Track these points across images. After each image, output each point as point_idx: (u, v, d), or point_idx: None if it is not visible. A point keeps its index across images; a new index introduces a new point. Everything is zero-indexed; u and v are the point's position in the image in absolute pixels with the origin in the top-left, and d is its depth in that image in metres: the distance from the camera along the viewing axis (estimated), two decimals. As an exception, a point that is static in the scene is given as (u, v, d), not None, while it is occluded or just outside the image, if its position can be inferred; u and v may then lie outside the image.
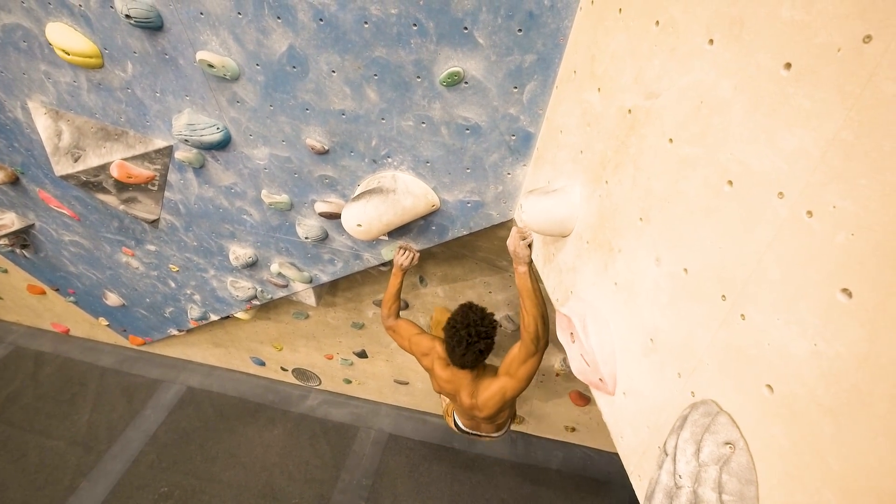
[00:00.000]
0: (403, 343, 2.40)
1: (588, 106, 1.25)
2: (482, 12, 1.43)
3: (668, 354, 0.89)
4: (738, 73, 0.71)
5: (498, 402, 2.14)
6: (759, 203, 0.66)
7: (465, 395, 2.20)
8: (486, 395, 2.13)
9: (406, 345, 2.38)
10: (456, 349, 2.00)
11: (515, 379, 2.04)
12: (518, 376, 2.03)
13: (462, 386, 2.20)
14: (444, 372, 2.22)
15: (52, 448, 4.24)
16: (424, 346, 2.30)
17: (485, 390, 2.14)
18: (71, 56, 2.03)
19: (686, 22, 0.84)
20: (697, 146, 0.80)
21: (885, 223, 0.51)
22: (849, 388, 0.55)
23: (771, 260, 0.65)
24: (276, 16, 1.64)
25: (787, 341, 0.63)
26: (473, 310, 2.05)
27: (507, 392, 2.09)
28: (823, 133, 0.57)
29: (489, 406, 2.16)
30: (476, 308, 2.06)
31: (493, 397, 2.12)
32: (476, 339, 1.97)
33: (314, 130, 1.97)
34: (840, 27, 0.55)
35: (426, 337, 2.34)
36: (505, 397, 2.11)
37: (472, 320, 1.98)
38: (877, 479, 0.53)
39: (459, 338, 1.97)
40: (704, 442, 0.71)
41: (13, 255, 3.81)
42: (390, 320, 2.39)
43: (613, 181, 1.11)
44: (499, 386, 2.10)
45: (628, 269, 1.03)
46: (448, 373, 2.21)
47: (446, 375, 2.22)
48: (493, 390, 2.11)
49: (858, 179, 0.53)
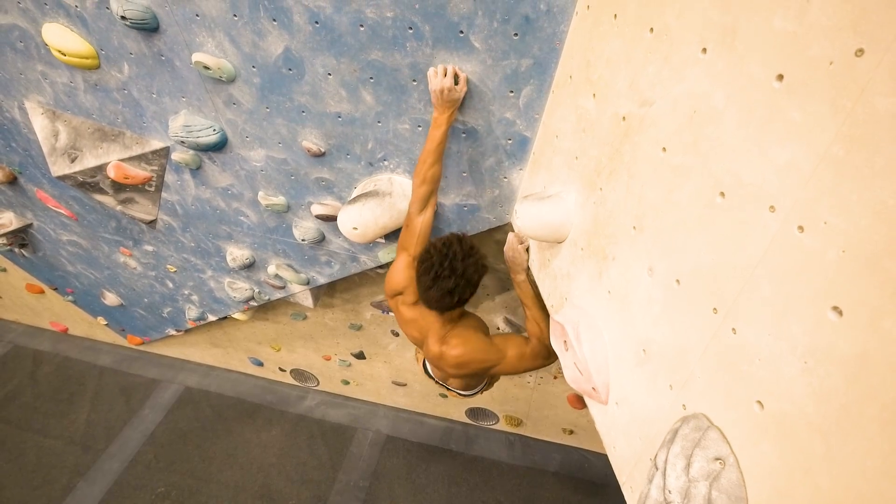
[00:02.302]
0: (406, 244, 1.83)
1: (583, 111, 1.24)
2: (478, 16, 1.42)
3: (661, 366, 0.88)
4: (731, 83, 0.70)
5: (475, 368, 1.79)
6: (750, 216, 0.65)
7: (433, 342, 1.79)
8: (460, 351, 1.74)
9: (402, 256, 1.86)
10: (422, 278, 1.60)
11: (509, 364, 1.79)
12: (514, 365, 1.79)
13: (430, 331, 1.81)
14: (409, 311, 1.85)
15: (49, 447, 4.25)
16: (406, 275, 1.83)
17: (461, 345, 1.75)
18: (67, 57, 2.03)
19: (680, 30, 0.83)
20: (690, 156, 0.79)
21: (876, 241, 0.50)
22: (838, 408, 0.54)
23: (762, 274, 0.64)
24: (272, 18, 1.64)
25: (778, 358, 0.62)
26: (461, 242, 1.61)
27: (492, 366, 1.79)
28: (815, 147, 0.56)
29: (462, 366, 1.77)
30: (465, 242, 1.62)
31: (473, 360, 1.76)
32: (447, 273, 1.56)
33: (310, 133, 1.96)
34: (832, 40, 0.54)
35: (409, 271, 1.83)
36: (484, 367, 1.79)
37: (453, 251, 1.57)
38: (866, 500, 0.52)
39: (429, 265, 1.58)
40: (695, 457, 0.71)
41: (12, 255, 3.82)
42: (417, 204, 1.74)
43: (608, 188, 1.10)
44: (486, 353, 1.76)
45: (622, 277, 1.02)
46: (413, 312, 1.84)
47: (410, 315, 1.86)
48: (474, 351, 1.76)
49: (850, 195, 0.52)
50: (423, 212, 1.74)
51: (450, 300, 1.60)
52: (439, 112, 1.58)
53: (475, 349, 1.75)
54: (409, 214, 1.79)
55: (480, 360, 1.76)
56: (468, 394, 2.21)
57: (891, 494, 0.49)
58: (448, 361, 1.76)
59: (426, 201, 1.73)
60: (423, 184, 1.69)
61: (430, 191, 1.72)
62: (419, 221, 1.75)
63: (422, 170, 1.67)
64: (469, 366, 1.76)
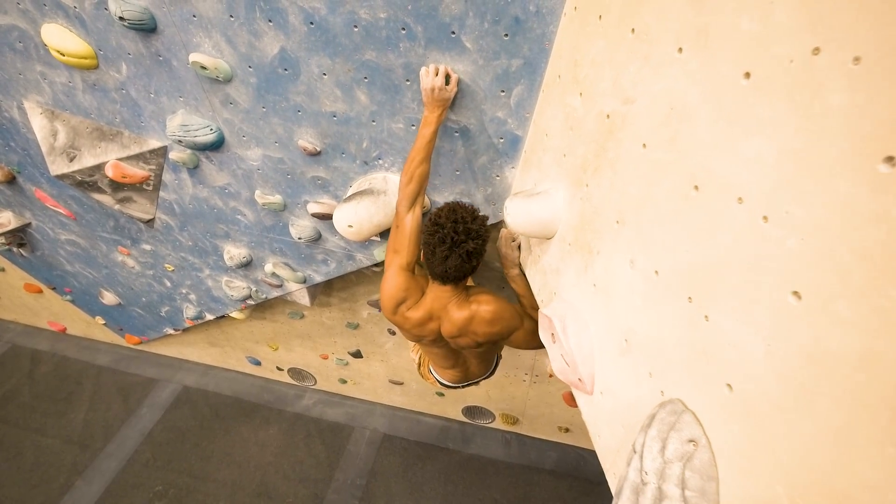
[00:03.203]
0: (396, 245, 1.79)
1: (571, 110, 1.27)
2: (469, 17, 1.45)
3: (641, 355, 0.91)
4: (704, 81, 0.73)
5: (505, 325, 1.76)
6: (721, 208, 0.68)
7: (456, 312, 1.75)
8: (493, 306, 1.72)
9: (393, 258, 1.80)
10: (437, 250, 1.60)
11: (525, 331, 1.79)
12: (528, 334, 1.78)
13: (448, 307, 1.76)
14: (418, 311, 1.80)
15: (47, 446, 4.26)
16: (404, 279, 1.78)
17: (492, 301, 1.74)
18: (66, 57, 2.05)
19: (658, 30, 0.86)
20: (668, 151, 0.82)
21: (830, 228, 0.53)
22: (797, 388, 0.57)
23: (732, 263, 0.67)
24: (268, 19, 1.67)
25: (745, 342, 0.65)
26: (463, 206, 1.64)
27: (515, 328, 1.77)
28: (778, 141, 0.59)
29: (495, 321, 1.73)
30: (466, 205, 1.65)
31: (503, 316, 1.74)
32: (464, 237, 1.57)
33: (306, 132, 1.99)
34: (792, 39, 0.57)
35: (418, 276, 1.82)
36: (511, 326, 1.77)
37: (460, 216, 1.59)
38: (823, 475, 0.55)
39: (443, 235, 1.58)
40: (670, 439, 0.73)
41: (10, 254, 3.84)
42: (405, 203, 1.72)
43: (593, 184, 1.13)
44: (512, 310, 1.76)
45: (606, 270, 1.05)
46: (423, 308, 1.79)
47: (420, 314, 1.80)
48: (505, 307, 1.75)
49: (807, 186, 0.55)
50: (412, 210, 1.73)
51: (469, 264, 1.63)
52: (430, 111, 1.60)
53: (505, 304, 1.76)
54: (397, 214, 1.76)
55: (509, 316, 1.76)
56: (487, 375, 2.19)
57: (843, 465, 0.52)
58: (483, 317, 1.73)
59: (413, 200, 1.71)
60: (411, 182, 1.68)
61: (418, 189, 1.70)
62: (408, 221, 1.73)
63: (410, 168, 1.67)
64: (501, 321, 1.75)
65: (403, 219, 1.73)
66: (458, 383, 2.21)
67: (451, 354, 2.01)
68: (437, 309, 1.78)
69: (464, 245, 1.57)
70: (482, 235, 1.61)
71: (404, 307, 1.81)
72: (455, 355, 2.03)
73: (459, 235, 1.57)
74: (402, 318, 1.83)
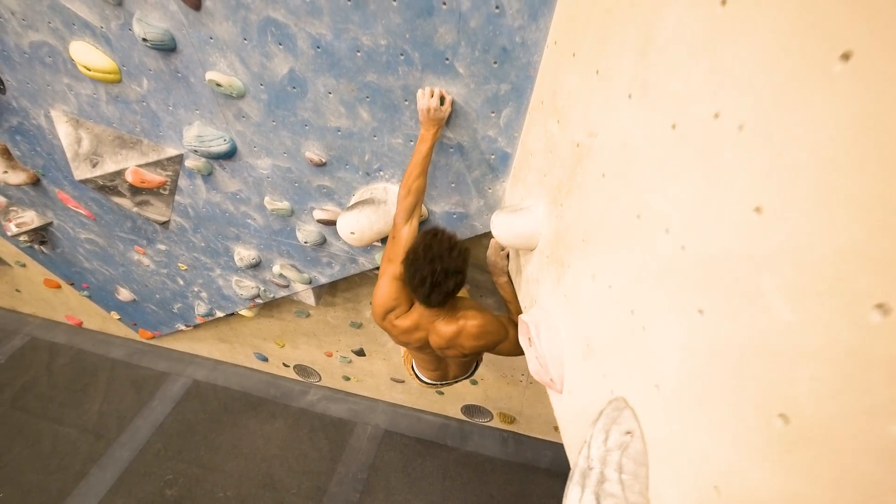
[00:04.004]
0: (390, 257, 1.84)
1: (551, 135, 1.39)
2: (461, 46, 1.58)
3: (598, 358, 1.04)
4: (644, 126, 0.85)
5: (491, 337, 1.84)
6: (653, 236, 0.81)
7: (444, 327, 1.82)
8: (479, 321, 1.80)
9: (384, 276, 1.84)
10: (419, 289, 1.65)
11: (511, 342, 1.86)
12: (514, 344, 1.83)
13: (436, 322, 1.83)
14: (406, 320, 1.86)
15: (64, 435, 4.45)
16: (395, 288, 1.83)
17: (479, 315, 1.81)
18: (92, 72, 2.21)
19: (615, 75, 0.98)
20: (620, 182, 0.95)
21: (716, 250, 0.65)
22: (702, 386, 0.69)
23: (659, 284, 0.79)
24: (278, 42, 1.81)
25: (669, 349, 0.77)
26: (439, 238, 1.63)
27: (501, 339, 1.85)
28: (690, 184, 0.72)
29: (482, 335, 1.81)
30: (442, 236, 1.64)
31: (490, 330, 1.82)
32: (442, 277, 1.59)
33: (313, 145, 2.13)
34: (705, 101, 0.70)
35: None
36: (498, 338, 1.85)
37: (436, 253, 1.59)
38: (717, 464, 0.67)
39: (422, 276, 1.61)
40: (612, 431, 0.86)
41: (32, 251, 4.02)
42: (402, 215, 1.80)
43: (566, 204, 1.25)
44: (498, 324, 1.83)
45: (574, 283, 1.18)
46: (411, 318, 1.86)
47: (408, 323, 1.86)
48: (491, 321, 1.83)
49: (708, 224, 0.68)
50: (409, 222, 1.81)
51: (451, 295, 1.69)
52: (426, 129, 1.73)
53: (490, 319, 1.83)
54: (394, 225, 1.84)
55: (495, 330, 1.83)
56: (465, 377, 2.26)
57: (735, 438, 0.64)
58: (470, 332, 1.79)
59: (411, 212, 1.80)
60: (409, 195, 1.77)
61: (415, 202, 1.79)
62: (404, 232, 1.81)
63: (407, 182, 1.76)
64: (487, 335, 1.82)
65: (400, 230, 1.82)
66: (437, 381, 2.28)
67: (434, 360, 2.11)
68: (424, 322, 1.85)
69: (444, 285, 1.61)
70: (461, 269, 1.63)
71: (393, 315, 1.87)
72: (438, 360, 2.12)
73: (438, 276, 1.59)
74: (390, 324, 1.90)
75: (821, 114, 0.50)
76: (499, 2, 1.44)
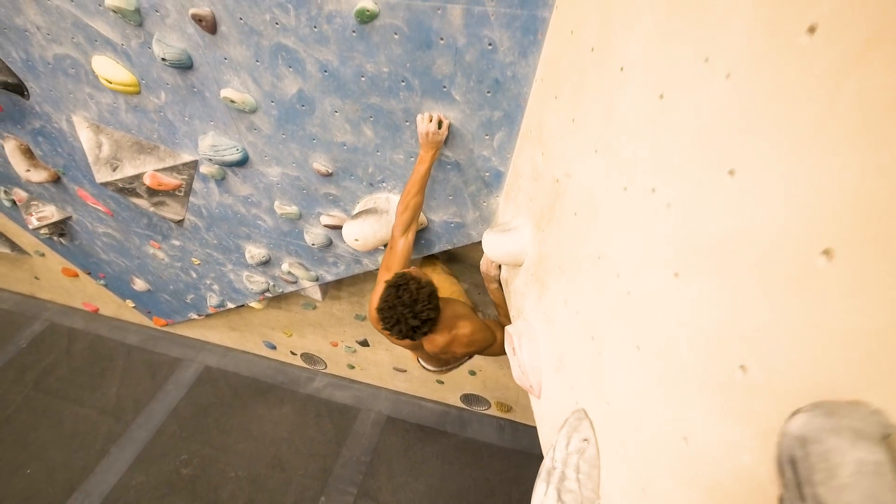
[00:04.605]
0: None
1: (536, 164, 1.53)
2: (458, 76, 1.71)
3: (567, 372, 1.19)
4: (605, 182, 0.99)
5: (480, 344, 1.95)
6: (608, 278, 0.96)
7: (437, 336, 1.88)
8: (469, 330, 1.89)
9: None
10: (393, 336, 1.77)
11: (498, 346, 1.99)
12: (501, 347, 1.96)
13: (425, 339, 1.90)
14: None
15: (85, 416, 4.71)
16: None
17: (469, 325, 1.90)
18: (113, 84, 2.35)
19: (586, 128, 1.12)
20: (587, 224, 1.09)
21: (650, 301, 0.80)
22: (635, 411, 0.85)
23: (613, 317, 0.95)
24: (289, 65, 1.94)
25: (615, 372, 0.93)
26: (403, 288, 1.67)
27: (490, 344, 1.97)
28: (632, 241, 0.86)
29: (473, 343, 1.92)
30: (407, 285, 1.68)
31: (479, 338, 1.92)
32: (417, 322, 1.67)
33: (320, 157, 2.27)
34: (644, 174, 0.84)
35: None
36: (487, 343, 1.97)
37: (403, 302, 1.65)
38: (645, 472, 0.83)
39: (395, 328, 1.69)
40: (572, 438, 1.02)
41: (51, 242, 4.21)
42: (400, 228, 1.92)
43: (547, 232, 1.40)
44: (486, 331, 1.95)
45: (551, 303, 1.33)
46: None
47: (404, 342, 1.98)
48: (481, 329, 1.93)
49: (643, 271, 0.83)
50: (405, 235, 1.94)
51: (426, 331, 1.75)
52: (425, 151, 1.87)
53: (479, 327, 1.94)
54: (392, 237, 1.98)
55: (483, 338, 1.94)
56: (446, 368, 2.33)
57: (655, 456, 0.80)
58: (461, 340, 1.89)
59: (408, 226, 1.94)
60: (406, 210, 1.92)
61: (412, 217, 1.94)
62: (401, 244, 1.94)
63: (406, 198, 1.92)
64: (477, 342, 1.93)
65: (397, 241, 1.97)
66: (437, 369, 2.36)
67: (429, 357, 2.22)
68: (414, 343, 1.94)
69: (418, 331, 1.70)
70: (431, 317, 1.69)
71: None
72: (436, 359, 2.20)
73: (408, 326, 1.67)
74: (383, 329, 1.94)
75: (718, 211, 0.65)
76: (492, 39, 1.57)
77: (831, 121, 0.47)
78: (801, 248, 0.51)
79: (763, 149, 0.57)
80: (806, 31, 0.50)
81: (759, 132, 0.58)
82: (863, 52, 0.44)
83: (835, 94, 0.46)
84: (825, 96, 0.48)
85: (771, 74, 0.55)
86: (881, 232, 0.43)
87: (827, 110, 0.47)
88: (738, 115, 0.61)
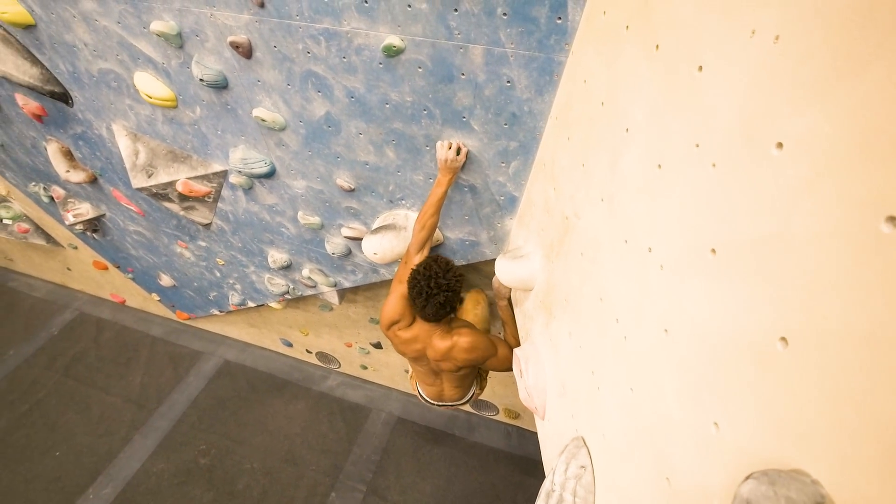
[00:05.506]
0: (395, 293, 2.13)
1: (548, 197, 1.62)
2: (477, 108, 1.80)
3: (569, 400, 1.28)
4: (609, 230, 1.08)
5: (480, 353, 2.07)
6: (608, 320, 1.04)
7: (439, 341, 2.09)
8: (470, 338, 2.05)
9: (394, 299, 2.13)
10: (416, 300, 1.97)
11: (500, 358, 2.10)
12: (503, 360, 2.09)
13: (432, 337, 2.11)
14: (407, 332, 2.15)
15: (110, 403, 4.93)
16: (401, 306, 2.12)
17: (469, 333, 2.07)
18: (152, 99, 2.50)
19: (594, 175, 1.20)
20: (591, 266, 1.18)
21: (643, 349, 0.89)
22: (626, 446, 0.93)
23: (611, 357, 1.03)
24: (318, 90, 2.05)
25: (610, 408, 1.01)
26: (438, 262, 1.96)
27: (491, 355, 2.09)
28: (630, 291, 0.95)
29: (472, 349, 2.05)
30: (441, 260, 1.98)
31: (479, 346, 2.06)
32: (436, 290, 1.91)
33: (343, 173, 2.38)
34: (642, 231, 0.92)
35: None
36: (487, 354, 2.09)
37: (434, 272, 1.92)
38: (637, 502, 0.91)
39: (420, 288, 1.93)
40: (571, 464, 1.10)
41: (84, 236, 4.42)
42: (416, 245, 2.09)
43: (556, 264, 1.49)
44: (487, 341, 2.09)
45: (557, 332, 1.42)
46: (412, 331, 2.15)
47: (409, 335, 2.15)
48: (480, 338, 2.08)
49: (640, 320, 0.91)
50: (420, 252, 2.08)
51: (443, 310, 1.99)
52: (443, 175, 1.97)
53: (480, 336, 2.09)
54: (407, 253, 2.13)
55: (484, 347, 2.08)
56: (463, 402, 2.50)
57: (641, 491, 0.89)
58: (461, 346, 2.05)
59: (423, 244, 2.08)
60: (423, 230, 2.05)
61: (427, 236, 2.07)
62: (416, 260, 2.08)
63: (423, 218, 2.04)
64: (477, 350, 2.07)
65: (412, 257, 2.10)
66: (435, 401, 2.55)
67: (431, 373, 2.36)
68: (423, 335, 2.13)
69: (436, 297, 1.92)
70: (453, 287, 1.94)
71: (396, 327, 2.17)
72: (434, 375, 2.37)
73: (432, 289, 1.91)
74: (393, 334, 2.20)
75: (701, 286, 0.73)
76: (510, 77, 1.65)
77: (788, 232, 0.56)
78: (765, 331, 0.60)
79: (740, 237, 0.65)
80: (775, 145, 0.59)
81: (736, 222, 0.66)
82: (816, 179, 0.53)
83: (792, 211, 0.55)
84: (785, 209, 0.56)
85: (747, 175, 0.64)
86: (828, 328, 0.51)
87: (784, 225, 0.56)
88: (721, 202, 0.69)
